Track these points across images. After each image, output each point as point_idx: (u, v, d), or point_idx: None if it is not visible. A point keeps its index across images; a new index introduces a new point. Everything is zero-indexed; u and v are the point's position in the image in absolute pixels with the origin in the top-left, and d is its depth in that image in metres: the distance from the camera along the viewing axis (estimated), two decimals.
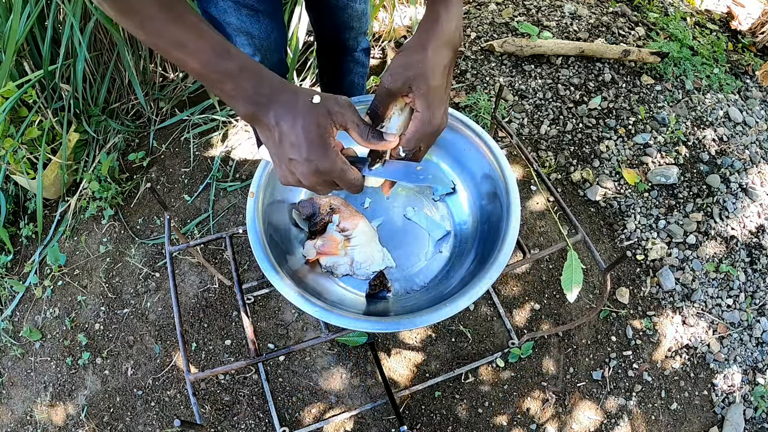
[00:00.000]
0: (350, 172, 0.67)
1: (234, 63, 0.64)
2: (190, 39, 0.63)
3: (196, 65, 0.64)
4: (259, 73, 0.65)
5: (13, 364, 1.67)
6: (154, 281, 1.73)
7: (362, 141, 0.68)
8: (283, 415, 1.50)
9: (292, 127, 0.64)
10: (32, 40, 1.79)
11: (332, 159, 0.65)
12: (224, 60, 0.64)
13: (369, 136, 0.68)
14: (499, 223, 0.87)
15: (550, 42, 2.14)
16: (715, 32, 2.44)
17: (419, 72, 0.68)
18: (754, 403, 1.55)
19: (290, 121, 0.64)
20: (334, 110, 0.65)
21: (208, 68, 0.64)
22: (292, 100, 0.65)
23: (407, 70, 0.68)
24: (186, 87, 2.11)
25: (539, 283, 1.70)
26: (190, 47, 0.63)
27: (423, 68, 0.68)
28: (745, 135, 2.02)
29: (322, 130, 0.64)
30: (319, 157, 0.64)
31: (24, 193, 1.95)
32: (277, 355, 0.89)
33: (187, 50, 0.63)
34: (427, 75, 0.68)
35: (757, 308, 1.68)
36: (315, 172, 0.65)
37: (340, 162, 0.66)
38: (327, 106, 0.65)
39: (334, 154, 0.65)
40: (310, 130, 0.63)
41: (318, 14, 1.39)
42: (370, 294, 0.90)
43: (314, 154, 0.64)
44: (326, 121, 0.64)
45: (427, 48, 0.69)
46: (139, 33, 0.63)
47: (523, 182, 1.87)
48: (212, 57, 0.63)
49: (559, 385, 1.56)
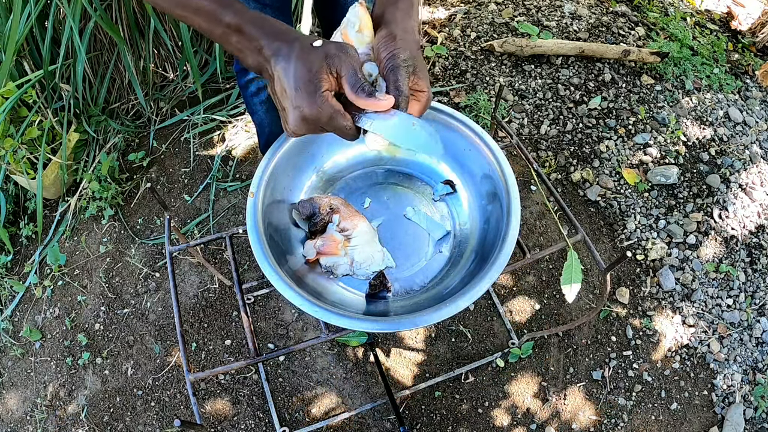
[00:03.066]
0: (339, 119, 0.64)
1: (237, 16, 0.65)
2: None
3: (201, 22, 0.65)
4: (262, 23, 0.66)
5: (13, 364, 1.67)
6: (154, 281, 1.73)
7: (350, 92, 0.64)
8: (283, 415, 1.50)
9: (286, 74, 0.63)
10: (32, 40, 1.79)
11: (318, 105, 0.62)
12: (227, 14, 0.64)
13: (359, 90, 0.64)
14: (499, 223, 0.87)
15: (550, 42, 2.14)
16: (715, 32, 2.44)
17: (417, 55, 0.69)
18: (754, 403, 1.55)
19: (285, 68, 0.63)
20: (332, 53, 0.63)
21: (212, 24, 0.65)
22: (290, 46, 0.64)
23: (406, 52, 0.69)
24: (186, 87, 2.11)
25: (539, 283, 1.70)
26: (192, 5, 0.64)
27: (417, 52, 0.70)
28: (745, 135, 2.02)
29: (313, 74, 0.62)
30: (305, 102, 0.62)
31: (24, 193, 1.95)
32: (277, 355, 0.89)
33: (190, 8, 0.64)
34: (420, 57, 0.70)
35: (757, 308, 1.68)
36: (302, 119, 0.64)
37: (328, 108, 0.63)
38: (326, 50, 0.63)
39: (322, 99, 0.62)
40: (299, 75, 0.62)
41: (325, 11, 1.39)
42: (370, 294, 0.90)
43: (300, 100, 0.62)
44: (319, 65, 0.62)
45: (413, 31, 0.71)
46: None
47: (523, 182, 1.87)
48: (215, 13, 0.64)
49: (559, 385, 1.56)
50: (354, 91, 0.64)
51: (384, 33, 0.70)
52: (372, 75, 0.70)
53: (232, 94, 2.08)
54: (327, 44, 0.64)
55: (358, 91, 0.64)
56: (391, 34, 0.69)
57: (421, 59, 0.71)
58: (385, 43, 0.69)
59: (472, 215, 0.97)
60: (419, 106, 0.72)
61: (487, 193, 0.95)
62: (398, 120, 0.66)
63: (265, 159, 0.91)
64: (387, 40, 0.69)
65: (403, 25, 0.71)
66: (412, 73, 0.69)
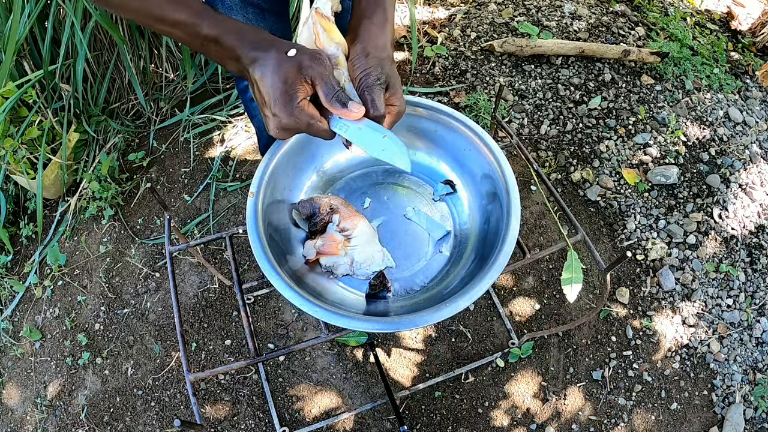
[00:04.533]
0: (316, 125, 0.68)
1: (214, 27, 0.67)
2: (168, 11, 0.66)
3: (179, 35, 0.67)
4: (239, 32, 0.68)
5: (13, 364, 1.67)
6: (154, 281, 1.73)
7: (325, 101, 0.68)
8: (283, 415, 1.50)
9: (263, 83, 0.66)
10: (32, 40, 1.79)
11: (295, 115, 0.66)
12: (204, 26, 0.66)
13: (333, 99, 0.68)
14: (499, 223, 0.87)
15: (550, 42, 2.14)
16: (715, 32, 2.44)
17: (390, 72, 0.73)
18: (754, 403, 1.55)
19: (262, 77, 0.66)
20: (306, 63, 0.66)
21: (191, 37, 0.67)
22: (266, 55, 0.66)
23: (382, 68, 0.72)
24: (186, 87, 2.11)
25: (539, 283, 1.70)
26: (170, 19, 0.66)
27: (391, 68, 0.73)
28: (745, 135, 2.02)
29: (288, 85, 0.65)
30: (282, 112, 0.65)
31: (24, 193, 1.95)
32: (277, 355, 0.89)
33: (168, 23, 0.66)
34: (393, 72, 0.74)
35: (757, 308, 1.68)
36: (281, 128, 0.67)
37: (305, 116, 0.66)
38: (299, 60, 0.66)
39: (298, 109, 0.66)
40: (276, 86, 0.65)
41: None
42: (370, 294, 0.90)
43: (278, 109, 0.65)
44: (295, 75, 0.65)
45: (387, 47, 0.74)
46: (123, 12, 0.68)
47: (523, 182, 1.87)
48: (191, 26, 0.66)
49: (559, 385, 1.56)
50: (328, 100, 0.68)
51: (358, 49, 0.73)
52: (341, 82, 0.73)
53: (232, 94, 2.08)
54: (301, 53, 0.67)
55: (333, 100, 0.68)
56: (364, 50, 0.73)
57: (394, 74, 0.74)
58: (359, 59, 0.73)
59: (472, 215, 0.97)
60: (390, 119, 0.75)
61: (487, 193, 0.95)
62: (369, 130, 0.71)
63: (265, 159, 0.91)
64: (360, 56, 0.73)
65: (375, 41, 0.74)
66: (386, 89, 0.73)
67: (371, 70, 0.72)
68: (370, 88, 0.71)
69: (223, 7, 1.14)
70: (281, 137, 0.70)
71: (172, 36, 0.68)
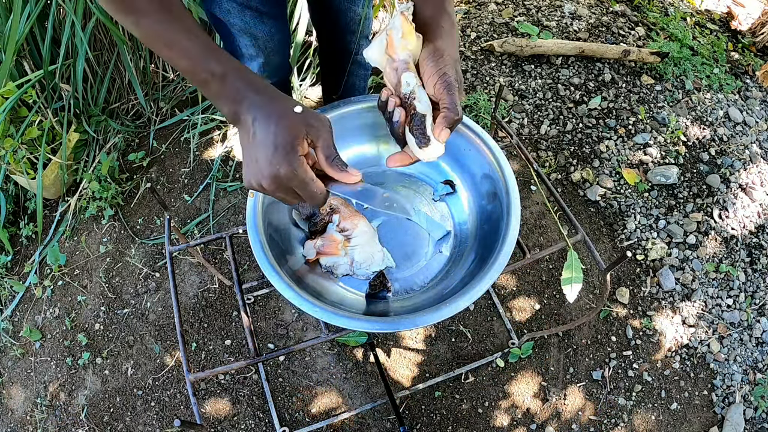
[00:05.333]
0: (312, 185, 0.66)
1: (221, 65, 0.66)
2: (181, 39, 0.65)
3: (184, 64, 0.66)
4: (246, 75, 0.67)
5: (13, 364, 1.67)
6: (154, 281, 1.73)
7: (325, 163, 0.68)
8: (283, 415, 1.50)
9: (265, 128, 0.65)
10: (32, 40, 1.79)
11: (294, 166, 0.64)
12: (212, 61, 0.66)
13: (332, 162, 0.68)
14: (499, 223, 0.87)
15: (550, 42, 2.14)
16: (715, 32, 2.44)
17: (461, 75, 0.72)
18: (754, 403, 1.55)
19: (265, 122, 0.65)
20: (311, 123, 0.66)
21: (197, 68, 0.66)
22: (273, 104, 0.66)
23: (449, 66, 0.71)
24: (186, 87, 2.11)
25: (539, 283, 1.70)
26: (180, 46, 0.65)
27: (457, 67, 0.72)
28: (745, 135, 2.02)
29: (292, 137, 0.64)
30: (282, 161, 0.64)
31: (24, 193, 1.95)
32: (277, 355, 0.89)
33: (177, 50, 0.65)
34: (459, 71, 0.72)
35: (757, 308, 1.68)
36: (275, 177, 0.64)
37: (303, 172, 0.65)
38: (306, 118, 0.66)
39: (298, 162, 0.64)
40: (279, 134, 0.64)
41: (319, 17, 1.39)
42: (370, 294, 0.90)
43: (278, 158, 0.64)
44: (299, 131, 0.65)
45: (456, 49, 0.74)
46: (135, 30, 0.66)
47: (523, 182, 1.87)
48: (200, 58, 0.65)
49: (559, 385, 1.56)
50: (329, 163, 0.68)
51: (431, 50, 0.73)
52: (410, 84, 0.73)
53: None
54: (306, 113, 0.66)
55: (333, 163, 0.68)
56: (438, 51, 0.72)
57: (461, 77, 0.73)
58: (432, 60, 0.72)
59: (472, 215, 0.97)
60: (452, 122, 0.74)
61: (487, 193, 0.95)
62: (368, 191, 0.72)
63: None
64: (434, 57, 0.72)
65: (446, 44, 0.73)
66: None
67: (448, 69, 0.71)
68: (450, 87, 0.70)
69: (220, 10, 1.13)
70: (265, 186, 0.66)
71: (177, 64, 0.67)
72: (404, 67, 0.73)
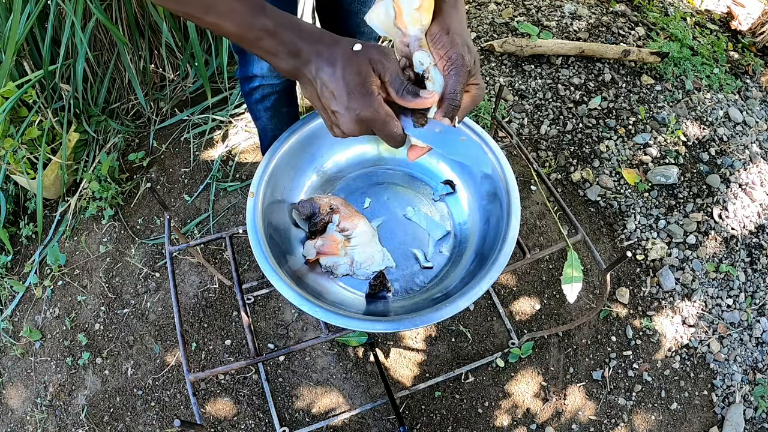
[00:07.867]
0: (392, 124, 0.65)
1: (270, 19, 0.63)
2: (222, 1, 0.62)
3: (231, 27, 0.63)
4: (298, 26, 0.65)
5: (13, 364, 1.67)
6: (154, 281, 1.73)
7: (396, 96, 0.65)
8: (283, 415, 1.50)
9: (332, 77, 0.62)
10: (32, 40, 1.79)
11: (374, 107, 0.63)
12: (260, 17, 0.63)
13: (404, 92, 0.65)
14: (499, 223, 0.87)
15: (550, 42, 2.14)
16: (715, 32, 2.44)
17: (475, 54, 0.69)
18: (754, 403, 1.55)
19: (330, 71, 0.63)
20: (375, 58, 0.63)
21: (244, 28, 0.63)
22: (331, 50, 0.63)
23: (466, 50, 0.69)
24: (186, 87, 2.11)
25: (539, 283, 1.70)
26: (221, 9, 0.62)
27: (474, 48, 0.70)
28: (745, 135, 2.02)
29: (363, 77, 0.62)
30: (360, 105, 0.62)
31: (24, 193, 1.95)
32: (277, 355, 0.89)
33: (220, 12, 0.63)
34: (475, 51, 0.70)
35: (757, 308, 1.68)
36: (357, 121, 0.63)
37: (383, 112, 0.63)
38: (368, 54, 0.63)
39: (377, 102, 0.63)
40: (349, 79, 0.62)
41: (329, 17, 1.38)
42: (370, 294, 0.90)
43: (356, 103, 0.62)
44: (367, 69, 0.62)
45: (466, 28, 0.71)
46: (169, 2, 0.63)
47: (523, 182, 1.87)
48: (247, 16, 0.63)
49: (559, 385, 1.56)
50: (400, 95, 0.65)
51: (437, 29, 0.69)
52: (423, 64, 0.69)
53: (233, 94, 2.08)
54: (367, 48, 0.64)
55: (404, 93, 0.65)
56: (446, 29, 0.69)
57: (476, 54, 0.71)
58: (441, 39, 0.69)
59: (472, 215, 0.97)
60: (472, 101, 0.72)
61: (487, 193, 0.95)
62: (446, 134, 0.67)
63: (265, 159, 0.91)
64: (443, 35, 0.69)
65: (454, 21, 0.70)
66: (470, 74, 0.69)
67: (459, 49, 0.68)
68: (458, 70, 0.67)
69: None
70: (354, 133, 0.65)
71: (220, 28, 0.64)
72: (416, 45, 0.70)
